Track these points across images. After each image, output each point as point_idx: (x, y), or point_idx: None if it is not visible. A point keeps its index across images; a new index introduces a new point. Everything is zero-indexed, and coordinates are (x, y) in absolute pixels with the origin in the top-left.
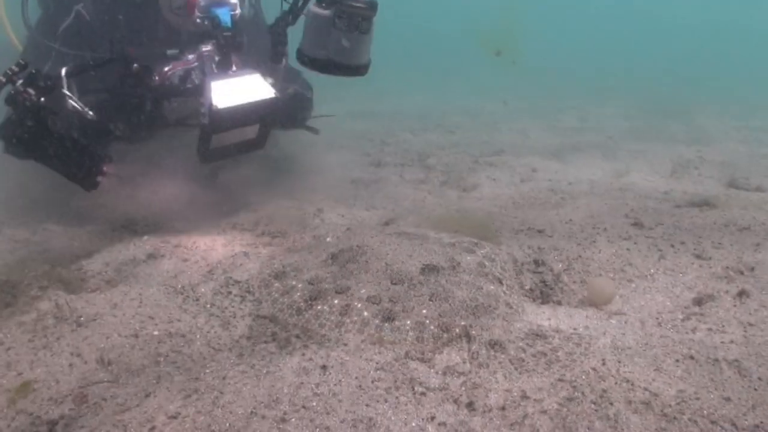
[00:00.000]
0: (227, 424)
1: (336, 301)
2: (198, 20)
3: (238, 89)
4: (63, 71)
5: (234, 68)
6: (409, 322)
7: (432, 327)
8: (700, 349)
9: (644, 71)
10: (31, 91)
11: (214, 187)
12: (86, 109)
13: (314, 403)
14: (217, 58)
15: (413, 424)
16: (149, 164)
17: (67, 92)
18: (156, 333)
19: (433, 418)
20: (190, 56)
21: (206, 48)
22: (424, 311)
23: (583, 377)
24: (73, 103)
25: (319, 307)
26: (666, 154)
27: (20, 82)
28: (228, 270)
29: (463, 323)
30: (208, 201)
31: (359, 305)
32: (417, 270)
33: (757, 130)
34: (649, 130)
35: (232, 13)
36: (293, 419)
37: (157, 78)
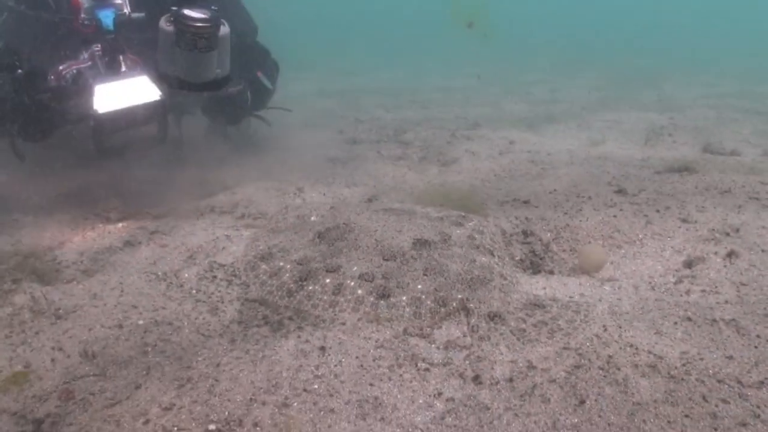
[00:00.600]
0: (226, 413)
1: (328, 281)
2: (86, 22)
3: (122, 92)
4: None
5: (123, 69)
6: (404, 298)
7: (428, 302)
8: (696, 310)
9: (611, 43)
10: None
11: (188, 170)
12: None
13: (316, 386)
14: (106, 59)
15: (420, 401)
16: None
17: None
18: (141, 322)
19: (440, 393)
20: (85, 55)
21: (98, 48)
22: (420, 286)
23: (588, 344)
24: None
25: (310, 288)
26: (639, 122)
27: None
28: (210, 254)
29: (459, 296)
30: (182, 184)
31: (352, 283)
32: (408, 245)
33: (725, 96)
34: (620, 100)
35: (118, 13)
36: (295, 403)
37: (52, 77)
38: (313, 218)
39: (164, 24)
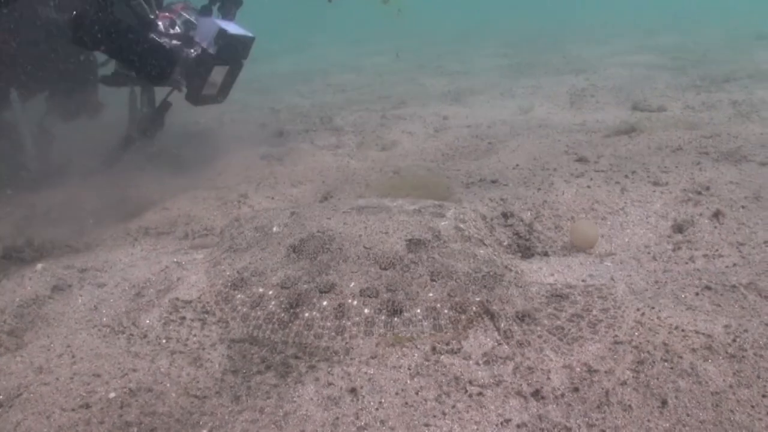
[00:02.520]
0: None
1: (325, 303)
2: None
3: (233, 27)
4: None
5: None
6: (418, 310)
7: (446, 311)
8: (710, 277)
9: (506, 11)
10: None
11: (99, 186)
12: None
13: None
14: (199, 8)
15: None
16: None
17: None
18: (112, 395)
19: (507, 420)
20: (166, 13)
21: (179, 4)
22: (431, 294)
23: (636, 334)
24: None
25: (306, 315)
26: (558, 86)
27: None
28: (164, 288)
29: (477, 299)
30: (98, 205)
31: (355, 302)
32: (402, 248)
33: (628, 53)
34: (532, 66)
35: None
36: None
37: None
38: (275, 229)
39: None
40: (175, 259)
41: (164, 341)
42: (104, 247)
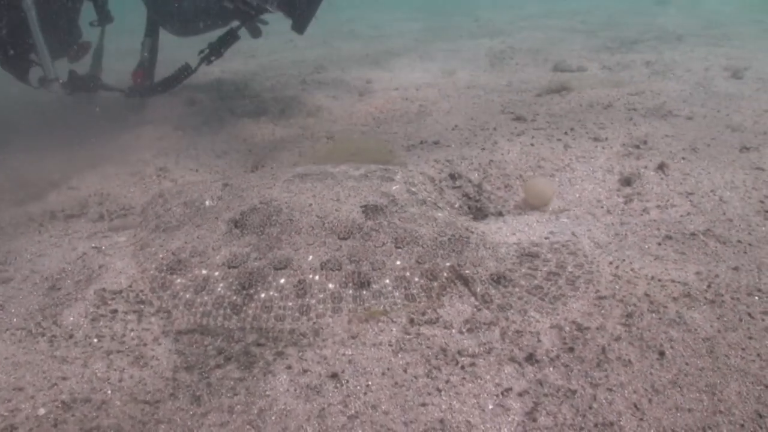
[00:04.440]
0: None
1: (282, 281)
2: None
3: None
4: None
5: None
6: (387, 281)
7: (416, 279)
8: (668, 227)
9: None
10: None
11: None
12: None
13: (360, 430)
14: None
15: (491, 407)
16: None
17: None
18: (42, 411)
19: (508, 389)
20: None
21: None
22: (398, 262)
23: (617, 287)
24: None
25: (263, 295)
26: (476, 49)
27: None
28: (84, 279)
29: (448, 264)
30: None
31: (317, 277)
32: (359, 215)
33: (535, 16)
34: (445, 29)
35: None
36: None
37: None
38: (208, 203)
39: None
40: (93, 245)
41: (96, 340)
42: (3, 236)
